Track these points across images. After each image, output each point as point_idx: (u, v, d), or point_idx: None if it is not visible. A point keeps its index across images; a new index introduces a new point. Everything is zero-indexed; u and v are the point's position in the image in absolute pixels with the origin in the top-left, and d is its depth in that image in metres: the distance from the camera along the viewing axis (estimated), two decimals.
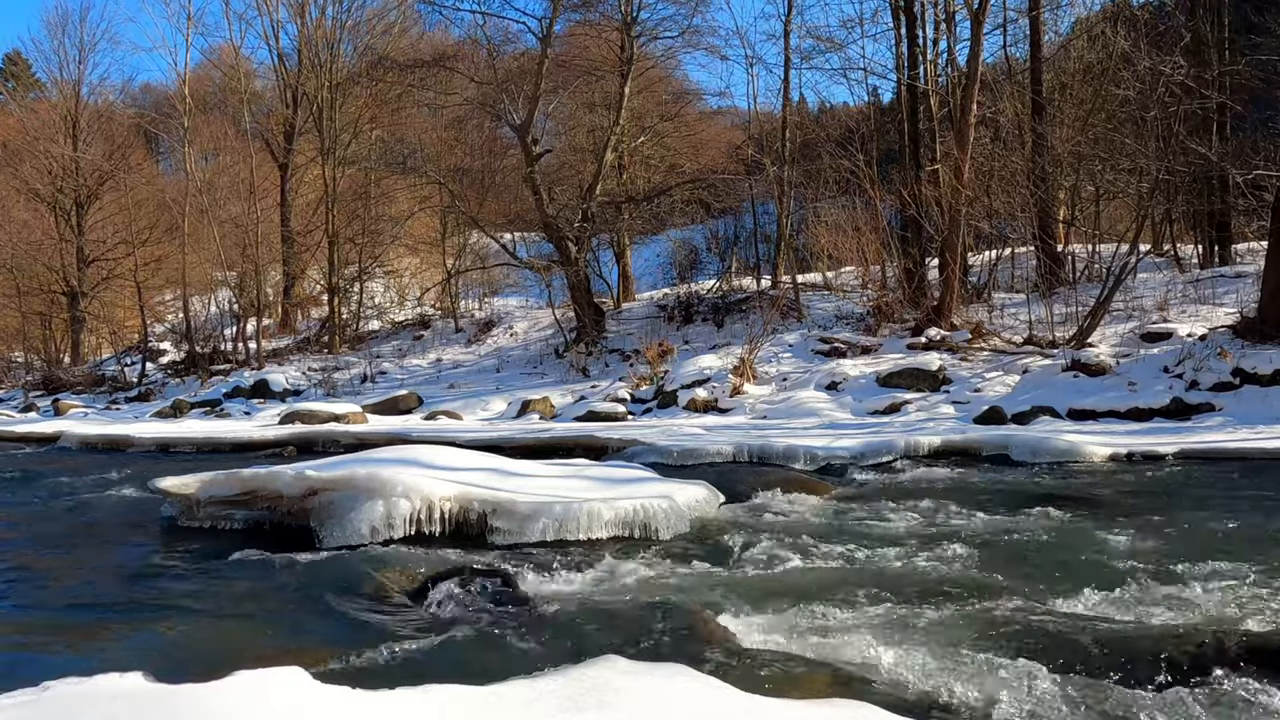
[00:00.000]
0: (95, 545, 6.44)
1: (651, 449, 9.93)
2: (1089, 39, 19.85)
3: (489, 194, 27.30)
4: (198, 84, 31.46)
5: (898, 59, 20.10)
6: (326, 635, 4.21)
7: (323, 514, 6.05)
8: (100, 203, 29.36)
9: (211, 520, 6.63)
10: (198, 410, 19.38)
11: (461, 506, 6.03)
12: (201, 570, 5.52)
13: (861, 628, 4.00)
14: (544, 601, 4.55)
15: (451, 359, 22.06)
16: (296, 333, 27.13)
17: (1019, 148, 18.78)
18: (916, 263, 17.67)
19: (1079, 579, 4.62)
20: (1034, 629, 3.91)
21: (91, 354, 29.56)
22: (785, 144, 21.02)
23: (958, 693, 3.32)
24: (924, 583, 4.58)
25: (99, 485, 8.93)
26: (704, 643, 3.83)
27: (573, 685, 2.98)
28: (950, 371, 14.25)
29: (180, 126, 27.63)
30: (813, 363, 16.00)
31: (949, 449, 9.66)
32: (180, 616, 4.58)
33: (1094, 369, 12.74)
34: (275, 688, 2.78)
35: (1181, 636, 3.69)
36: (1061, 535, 5.69)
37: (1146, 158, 15.68)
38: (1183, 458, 8.79)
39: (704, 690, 3.02)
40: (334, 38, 26.18)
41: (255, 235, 24.67)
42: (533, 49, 21.83)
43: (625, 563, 5.27)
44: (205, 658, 3.82)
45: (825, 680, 3.42)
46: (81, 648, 4.14)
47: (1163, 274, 17.43)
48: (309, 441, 12.77)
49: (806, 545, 5.50)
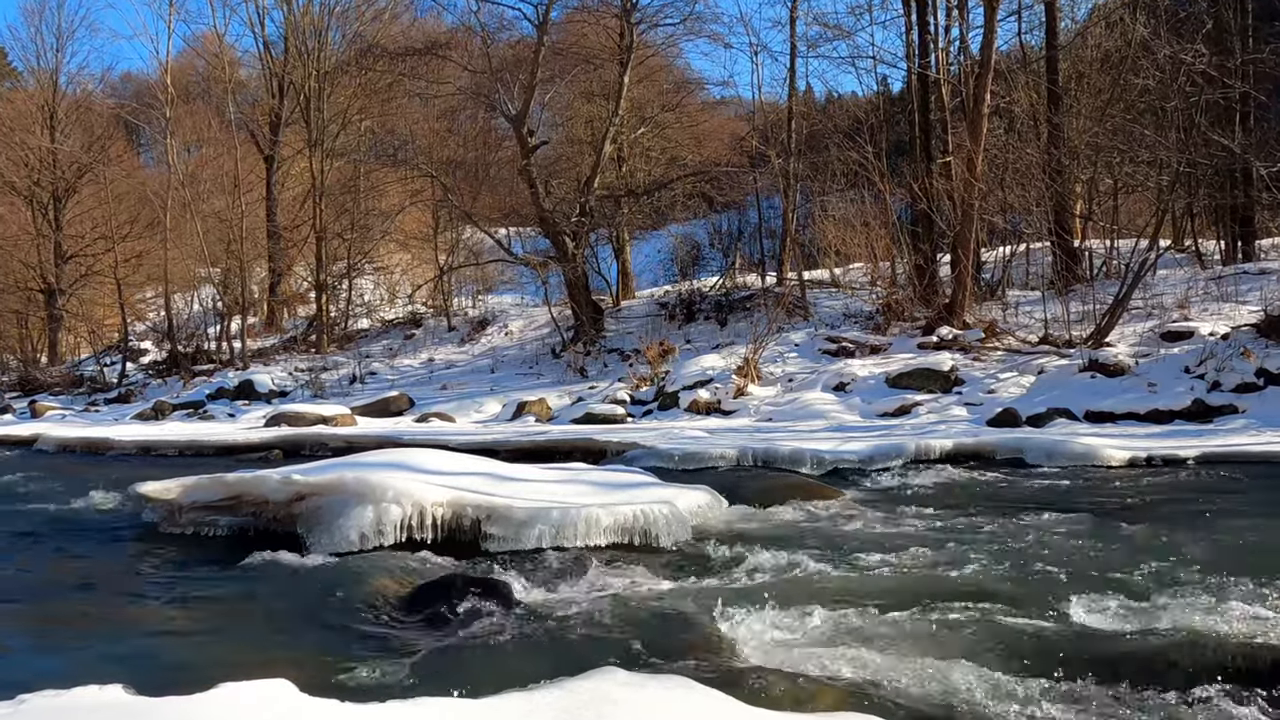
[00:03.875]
0: (73, 552, 6.44)
1: (652, 452, 9.92)
2: (1107, 26, 19.85)
3: (483, 187, 27.32)
4: (180, 73, 31.44)
5: (908, 46, 20.10)
6: (314, 646, 4.21)
7: (310, 520, 6.06)
8: (79, 196, 29.34)
9: (194, 526, 6.63)
10: (180, 412, 19.38)
11: (455, 512, 6.03)
12: (184, 578, 5.52)
13: (871, 638, 4.00)
14: (540, 610, 4.55)
15: (444, 359, 22.07)
16: (283, 332, 27.13)
17: (1034, 139, 18.79)
18: (927, 259, 17.67)
19: (1096, 588, 4.61)
20: (1049, 640, 3.90)
21: (70, 354, 29.55)
22: (791, 135, 21.02)
23: (972, 707, 3.32)
24: (936, 592, 4.57)
25: (77, 490, 8.92)
26: (706, 654, 3.83)
27: (570, 697, 2.98)
28: (962, 372, 14.25)
29: (162, 117, 27.64)
30: (819, 363, 16.00)
31: (961, 452, 9.64)
32: (162, 626, 4.59)
33: (1112, 369, 12.74)
34: (261, 700, 2.78)
35: (1206, 647, 3.69)
36: (1078, 543, 5.69)
37: (1167, 149, 15.68)
38: (1204, 462, 8.77)
39: (706, 703, 3.03)
40: (322, 24, 26.17)
41: (240, 230, 24.66)
42: (529, 36, 21.84)
43: (625, 570, 5.27)
44: (188, 669, 3.82)
45: (833, 693, 3.42)
46: (59, 659, 4.14)
47: (1183, 271, 17.42)
48: (296, 445, 12.77)
49: (813, 553, 5.50)
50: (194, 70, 34.74)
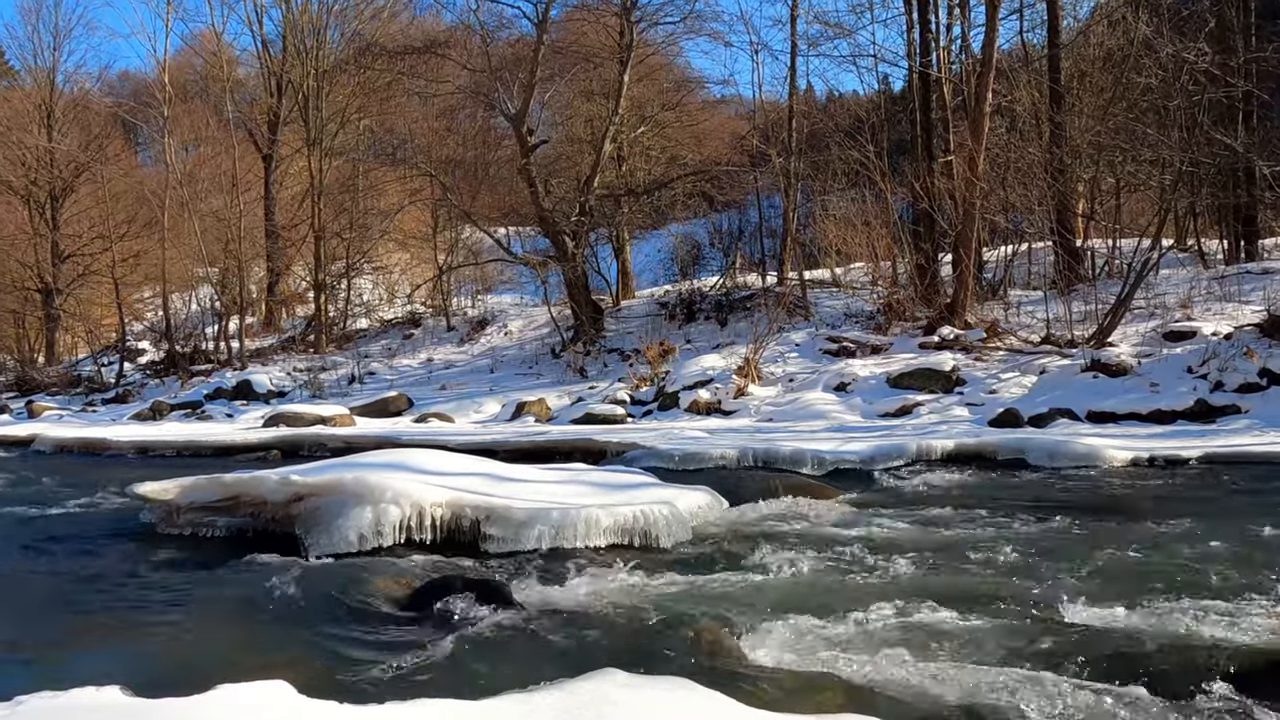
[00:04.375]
0: (71, 553, 6.44)
1: (652, 453, 9.92)
2: (1109, 24, 19.84)
3: (482, 187, 27.33)
4: (178, 71, 31.45)
5: (909, 45, 20.12)
6: (313, 647, 4.21)
7: (309, 521, 6.06)
8: (76, 195, 29.35)
9: (192, 527, 6.63)
10: (178, 412, 19.38)
11: (454, 513, 6.03)
12: (182, 579, 5.52)
13: (873, 640, 4.01)
14: (539, 612, 4.56)
15: (443, 359, 22.07)
16: (281, 332, 27.13)
17: (1036, 138, 18.79)
18: (929, 258, 17.68)
19: (1099, 590, 4.62)
20: (1051, 642, 3.91)
21: (67, 354, 29.54)
22: (792, 134, 21.02)
23: (973, 709, 3.32)
24: (937, 593, 4.58)
25: (75, 490, 8.93)
26: (707, 655, 3.83)
27: (569, 699, 2.98)
28: (964, 372, 14.26)
29: (160, 116, 27.64)
30: (820, 363, 16.01)
31: (963, 453, 9.66)
32: (160, 627, 4.58)
33: (1114, 369, 12.74)
34: (260, 702, 2.78)
35: (1210, 650, 3.70)
36: (1080, 543, 5.69)
37: (1169, 148, 15.68)
38: (1207, 462, 8.78)
39: (707, 704, 3.03)
40: (320, 23, 26.18)
41: (238, 229, 24.67)
42: (528, 35, 21.85)
43: (624, 571, 5.28)
44: (186, 671, 3.82)
45: (835, 695, 3.42)
46: (56, 660, 4.14)
47: (1186, 270, 17.43)
48: (294, 445, 12.79)
49: (814, 553, 5.51)
50: (192, 69, 34.75)
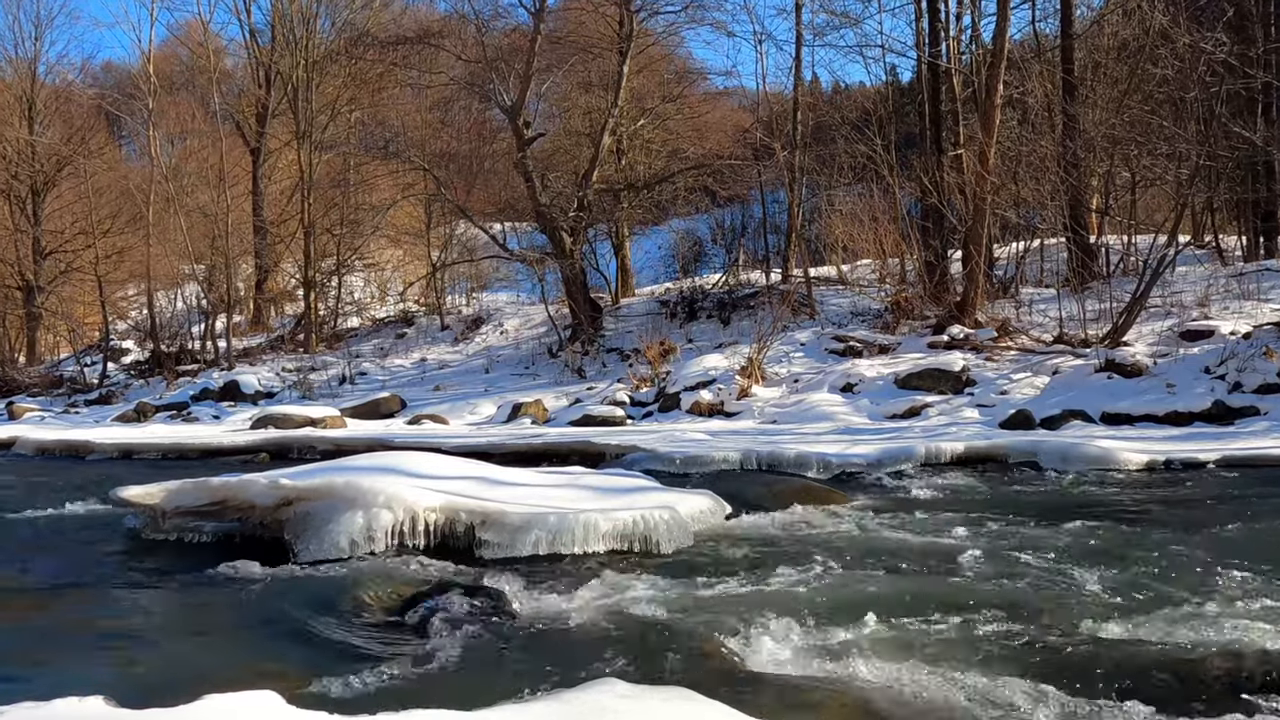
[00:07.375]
0: (52, 559, 6.44)
1: (652, 456, 9.93)
2: (1124, 14, 19.83)
3: (477, 181, 27.30)
4: (163, 62, 31.49)
5: (918, 35, 20.11)
6: (302, 656, 4.21)
7: (298, 526, 6.06)
8: (58, 190, 29.35)
9: (178, 532, 6.62)
10: (163, 414, 19.38)
11: (448, 518, 6.03)
12: (167, 586, 5.53)
13: (879, 649, 4.01)
14: (536, 620, 4.56)
15: (437, 359, 22.09)
16: (270, 331, 27.15)
17: (1049, 131, 18.79)
18: (938, 255, 17.69)
19: (1113, 598, 4.62)
20: (1061, 650, 3.91)
21: (49, 353, 29.56)
22: (797, 127, 21.01)
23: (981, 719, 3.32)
24: (946, 601, 4.58)
25: (57, 494, 8.92)
26: (709, 664, 3.83)
27: (567, 710, 2.98)
28: (974, 372, 14.26)
29: (144, 108, 27.63)
30: (826, 363, 16.02)
31: (973, 455, 9.67)
32: (144, 636, 4.58)
33: (1129, 370, 12.75)
34: (248, 713, 2.78)
35: (1228, 657, 3.70)
36: (1094, 550, 5.69)
37: (1186, 142, 15.67)
38: (1225, 465, 8.79)
39: (707, 714, 3.03)
40: (310, 12, 26.19)
41: (225, 225, 24.66)
42: (525, 25, 21.87)
43: (624, 578, 5.28)
44: (172, 681, 3.81)
45: (839, 704, 3.42)
46: (37, 669, 4.13)
47: (1203, 267, 17.43)
48: (283, 448, 12.78)
49: (819, 560, 5.51)
50: (177, 59, 34.80)
